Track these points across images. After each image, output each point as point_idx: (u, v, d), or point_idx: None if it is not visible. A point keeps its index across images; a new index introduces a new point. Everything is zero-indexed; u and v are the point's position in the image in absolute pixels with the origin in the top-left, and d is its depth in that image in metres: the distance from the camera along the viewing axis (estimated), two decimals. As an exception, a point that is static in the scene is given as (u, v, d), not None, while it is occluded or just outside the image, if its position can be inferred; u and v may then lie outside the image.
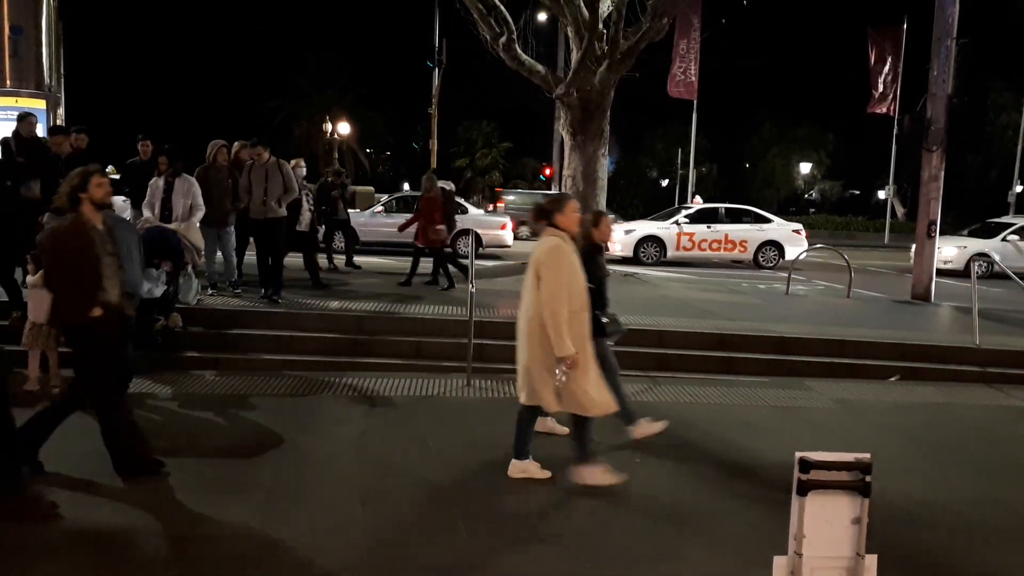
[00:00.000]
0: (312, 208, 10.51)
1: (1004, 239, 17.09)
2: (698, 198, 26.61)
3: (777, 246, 17.75)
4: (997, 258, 16.53)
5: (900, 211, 38.35)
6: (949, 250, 17.21)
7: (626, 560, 3.84)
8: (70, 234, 4.33)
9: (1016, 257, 14.51)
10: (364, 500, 4.36)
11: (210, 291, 8.79)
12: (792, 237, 17.93)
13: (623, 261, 16.18)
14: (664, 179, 48.71)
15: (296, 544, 3.82)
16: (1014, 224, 17.69)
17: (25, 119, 8.55)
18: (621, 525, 4.20)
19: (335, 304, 8.69)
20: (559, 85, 12.67)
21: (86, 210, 4.36)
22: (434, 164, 28.49)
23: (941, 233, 11.87)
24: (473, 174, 49.15)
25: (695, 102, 27.11)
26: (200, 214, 8.08)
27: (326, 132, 35.79)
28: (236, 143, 9.37)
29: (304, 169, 10.89)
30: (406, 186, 46.90)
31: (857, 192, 52.70)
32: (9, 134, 8.54)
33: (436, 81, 27.61)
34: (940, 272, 16.77)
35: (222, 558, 3.68)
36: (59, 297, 4.39)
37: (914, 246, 17.61)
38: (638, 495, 4.62)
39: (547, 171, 32.07)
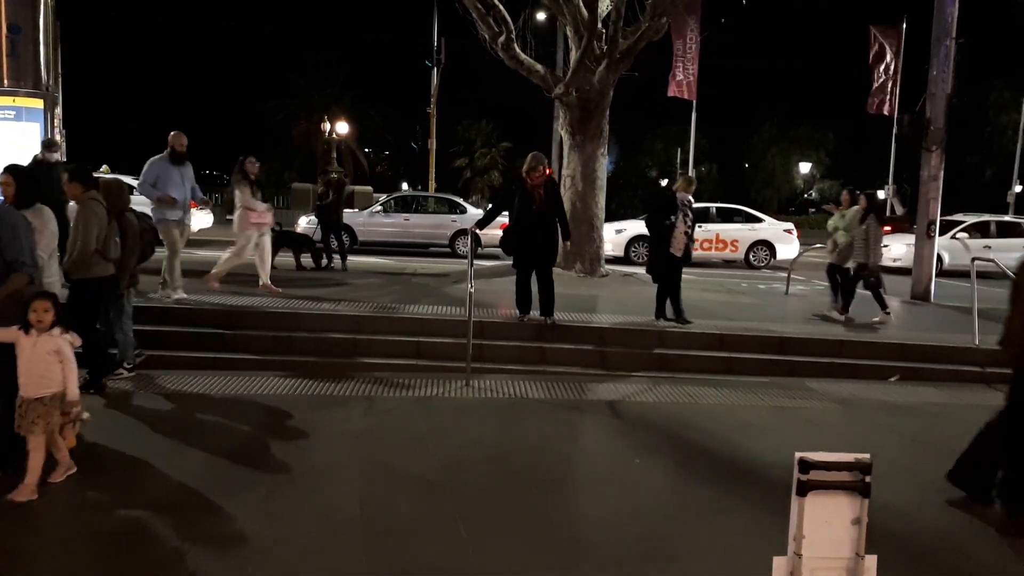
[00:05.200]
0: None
1: (953, 237, 17.10)
2: (689, 198, 26.63)
3: (768, 246, 17.75)
4: (947, 257, 16.56)
5: (900, 210, 38.34)
6: (899, 248, 17.28)
7: (625, 561, 3.83)
8: None
9: (964, 254, 14.61)
10: (363, 500, 4.35)
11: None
12: (783, 236, 17.94)
13: (614, 261, 16.15)
14: (664, 179, 48.79)
15: (296, 544, 3.82)
16: (964, 222, 17.75)
17: None
18: (620, 525, 4.18)
19: (335, 304, 8.68)
20: (558, 84, 12.67)
21: None
22: (433, 164, 28.50)
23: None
24: (472, 174, 49.15)
25: (695, 102, 27.11)
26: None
27: (325, 132, 35.78)
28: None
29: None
30: (404, 185, 46.98)
31: (857, 192, 52.76)
32: (8, 134, 8.53)
33: (435, 81, 27.64)
34: (891, 271, 16.88)
35: (222, 558, 3.66)
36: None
37: (890, 244, 17.73)
38: (637, 495, 4.61)
39: (546, 171, 32.03)
